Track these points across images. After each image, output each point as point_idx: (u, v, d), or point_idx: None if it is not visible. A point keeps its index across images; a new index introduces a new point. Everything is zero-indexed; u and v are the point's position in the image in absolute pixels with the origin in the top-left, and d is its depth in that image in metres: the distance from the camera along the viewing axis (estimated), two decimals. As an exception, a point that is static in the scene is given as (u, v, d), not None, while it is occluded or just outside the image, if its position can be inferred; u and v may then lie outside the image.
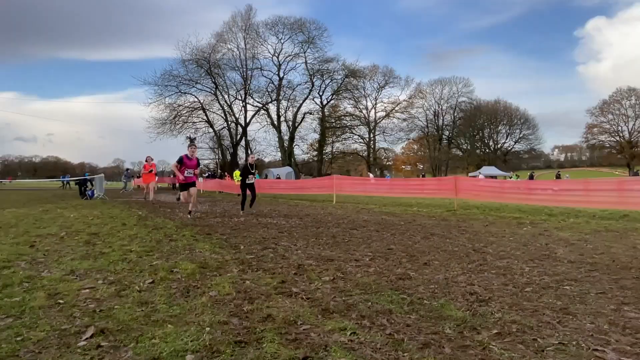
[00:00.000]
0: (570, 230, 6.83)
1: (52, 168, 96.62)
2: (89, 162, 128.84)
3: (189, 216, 8.69)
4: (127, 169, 32.62)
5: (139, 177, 44.30)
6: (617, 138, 65.84)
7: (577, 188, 8.47)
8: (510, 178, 36.92)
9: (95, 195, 18.63)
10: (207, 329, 2.25)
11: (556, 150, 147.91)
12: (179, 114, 42.14)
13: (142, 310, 2.57)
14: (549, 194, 8.85)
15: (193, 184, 8.76)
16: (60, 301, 2.72)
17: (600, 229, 6.99)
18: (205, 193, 25.40)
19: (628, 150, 63.03)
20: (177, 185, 32.53)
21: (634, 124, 64.13)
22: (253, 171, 10.12)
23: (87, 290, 2.99)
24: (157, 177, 13.63)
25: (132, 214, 10.16)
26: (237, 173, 27.34)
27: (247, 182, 10.01)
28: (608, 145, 68.37)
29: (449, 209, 11.07)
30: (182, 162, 8.43)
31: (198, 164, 8.79)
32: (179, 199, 10.26)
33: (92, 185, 18.82)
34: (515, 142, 73.57)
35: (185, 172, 8.46)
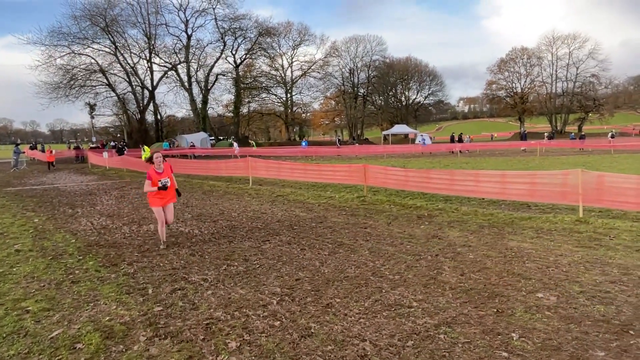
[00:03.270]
0: (459, 227, 7.69)
1: None
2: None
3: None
4: (17, 144, 29.16)
5: (31, 148, 39.85)
6: (512, 93, 72.29)
7: (469, 179, 9.43)
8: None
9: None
10: None
11: (461, 102, 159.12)
12: (74, 77, 37.95)
13: None
14: (446, 184, 9.75)
15: None
16: None
17: (484, 223, 7.95)
18: (111, 170, 23.80)
19: (520, 105, 69.79)
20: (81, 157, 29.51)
21: (525, 81, 70.77)
22: None
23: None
24: None
25: (27, 222, 9.37)
26: (147, 151, 25.72)
27: None
28: (504, 100, 74.81)
29: (359, 194, 11.68)
30: None
31: None
32: None
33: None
34: (424, 99, 77.79)
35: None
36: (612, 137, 37.35)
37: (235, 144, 37.44)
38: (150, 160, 6.67)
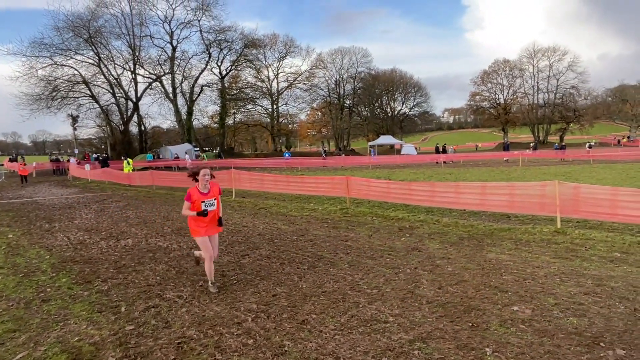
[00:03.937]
0: (439, 239, 7.71)
1: None
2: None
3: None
4: (-4, 156, 28.50)
5: (11, 160, 39.02)
6: (495, 104, 73.52)
7: (449, 191, 9.50)
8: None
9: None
10: None
11: (446, 112, 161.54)
12: (57, 88, 37.42)
13: None
14: (427, 196, 9.81)
15: None
16: None
17: (464, 235, 7.99)
18: (93, 183, 23.42)
19: (503, 116, 70.96)
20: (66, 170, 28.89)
21: (508, 92, 72.09)
22: None
23: None
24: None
25: (1, 237, 9.13)
26: (131, 164, 25.44)
27: None
28: (488, 111, 75.99)
29: (342, 206, 11.66)
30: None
31: None
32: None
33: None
34: (410, 110, 78.66)
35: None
36: (590, 147, 38.16)
37: (187, 156, 35.93)
38: (194, 177, 5.31)
